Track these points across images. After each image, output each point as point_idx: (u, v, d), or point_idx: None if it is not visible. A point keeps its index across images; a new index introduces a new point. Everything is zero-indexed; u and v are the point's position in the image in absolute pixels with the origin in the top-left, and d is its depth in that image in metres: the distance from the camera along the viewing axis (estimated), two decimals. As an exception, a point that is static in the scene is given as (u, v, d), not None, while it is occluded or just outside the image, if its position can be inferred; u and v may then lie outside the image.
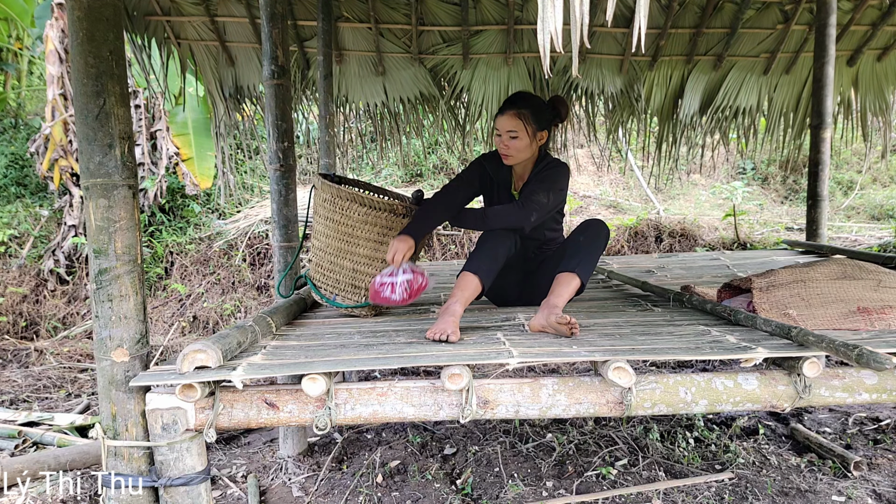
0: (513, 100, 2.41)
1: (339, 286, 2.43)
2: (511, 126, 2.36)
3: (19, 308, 5.71)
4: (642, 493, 2.45)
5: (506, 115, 2.37)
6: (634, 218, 6.69)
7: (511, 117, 2.36)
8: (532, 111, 2.37)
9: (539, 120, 2.39)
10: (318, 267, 2.48)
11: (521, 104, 2.38)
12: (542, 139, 2.43)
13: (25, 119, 7.94)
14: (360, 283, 2.41)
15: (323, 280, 2.47)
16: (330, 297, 2.45)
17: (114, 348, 1.63)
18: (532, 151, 2.44)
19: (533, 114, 2.37)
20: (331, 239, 2.40)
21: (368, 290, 2.42)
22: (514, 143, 2.38)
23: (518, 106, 2.37)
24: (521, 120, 2.35)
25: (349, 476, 2.74)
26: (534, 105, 2.39)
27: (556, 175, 2.41)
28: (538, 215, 2.33)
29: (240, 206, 7.12)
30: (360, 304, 2.43)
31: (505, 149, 2.40)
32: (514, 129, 2.36)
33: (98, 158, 1.58)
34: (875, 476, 2.55)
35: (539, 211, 2.33)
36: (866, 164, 7.61)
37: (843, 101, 4.88)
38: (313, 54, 4.40)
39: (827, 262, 2.32)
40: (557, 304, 2.09)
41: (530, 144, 2.40)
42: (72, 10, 1.55)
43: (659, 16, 4.31)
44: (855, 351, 1.51)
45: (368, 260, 2.38)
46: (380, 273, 2.24)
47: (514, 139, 2.37)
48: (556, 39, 1.14)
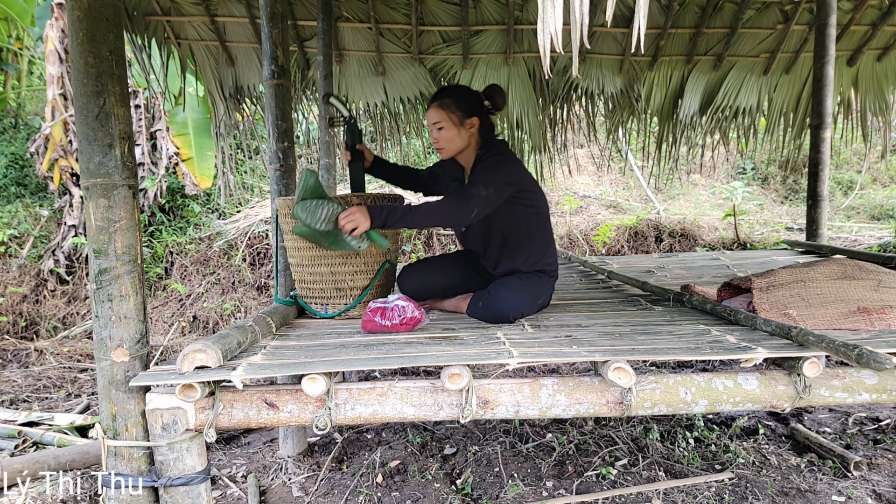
0: (435, 94, 2.46)
1: (325, 294, 2.46)
2: (435, 118, 2.38)
3: (19, 308, 5.71)
4: (642, 493, 2.45)
5: (430, 109, 2.42)
6: (634, 218, 6.69)
7: (434, 109, 2.39)
8: (454, 99, 2.38)
9: (464, 107, 2.38)
10: (302, 282, 2.51)
11: (441, 95, 2.41)
12: (472, 126, 2.40)
13: (25, 119, 7.94)
14: (342, 283, 2.43)
15: (309, 293, 2.50)
16: (321, 310, 2.48)
17: (114, 348, 1.63)
18: (465, 140, 2.42)
19: (455, 101, 2.38)
20: (302, 251, 2.43)
21: (352, 289, 2.45)
22: (441, 134, 2.39)
23: (438, 97, 2.41)
24: (444, 110, 2.37)
25: (349, 476, 2.74)
26: (455, 94, 2.41)
27: (494, 166, 2.31)
28: (479, 209, 2.23)
29: (240, 206, 7.11)
30: (349, 307, 2.45)
31: (436, 142, 2.42)
32: (438, 121, 2.38)
33: (98, 158, 1.58)
34: (875, 476, 2.55)
35: (480, 204, 2.23)
36: (866, 164, 7.61)
37: (843, 101, 4.88)
38: (313, 54, 4.40)
39: (827, 262, 2.32)
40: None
41: (459, 133, 2.39)
42: (72, 10, 1.55)
43: (659, 16, 4.31)
44: (855, 351, 1.51)
45: (341, 259, 2.40)
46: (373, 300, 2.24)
47: (441, 130, 2.39)
48: (556, 39, 1.14)
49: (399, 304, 2.14)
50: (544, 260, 2.50)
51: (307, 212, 2.13)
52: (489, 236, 2.50)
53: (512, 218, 2.43)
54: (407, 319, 2.13)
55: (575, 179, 8.29)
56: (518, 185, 2.38)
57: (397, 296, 2.19)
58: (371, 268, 2.45)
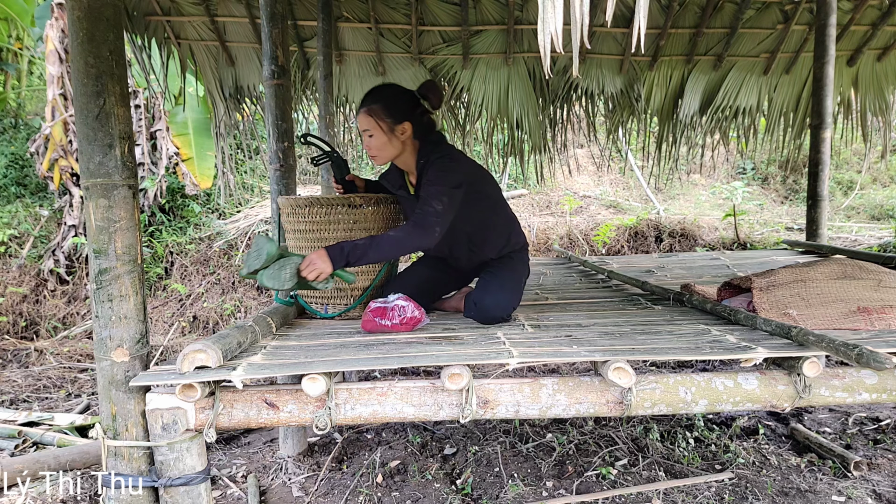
0: (365, 97, 2.30)
1: (325, 294, 2.46)
2: (364, 125, 2.25)
3: (19, 308, 5.71)
4: (642, 493, 2.45)
5: (359, 114, 2.28)
6: (634, 218, 6.69)
7: (362, 116, 2.26)
8: (383, 105, 2.24)
9: (394, 112, 2.24)
10: None
11: (369, 100, 2.26)
12: (404, 132, 2.26)
13: (25, 119, 7.94)
14: (343, 284, 2.42)
15: (310, 293, 2.49)
16: (322, 309, 2.48)
17: (114, 348, 1.63)
18: (398, 147, 2.29)
19: (384, 107, 2.23)
20: (304, 250, 2.42)
21: (353, 290, 2.45)
22: (371, 142, 2.27)
23: (367, 102, 2.26)
24: (372, 117, 2.23)
25: (349, 476, 2.74)
26: (385, 97, 2.26)
27: (442, 174, 2.20)
28: (441, 226, 2.14)
29: (240, 206, 7.11)
30: (349, 307, 2.45)
31: (367, 149, 2.31)
32: (367, 128, 2.25)
33: (98, 158, 1.58)
34: (875, 476, 2.55)
35: (440, 222, 2.13)
36: (866, 164, 7.60)
37: (843, 101, 4.88)
38: (313, 54, 4.40)
39: (827, 262, 2.32)
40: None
41: (390, 140, 2.26)
42: (72, 10, 1.55)
43: (659, 16, 4.32)
44: (855, 351, 1.51)
45: None
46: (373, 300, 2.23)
47: (371, 137, 2.26)
48: (556, 40, 1.14)
49: (399, 304, 2.14)
50: (511, 241, 2.46)
51: (273, 279, 2.02)
52: (452, 240, 2.42)
53: (470, 215, 2.35)
54: (407, 319, 2.12)
55: (575, 179, 8.29)
56: (467, 184, 2.27)
57: (397, 296, 2.19)
58: (372, 268, 2.46)
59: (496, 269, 2.40)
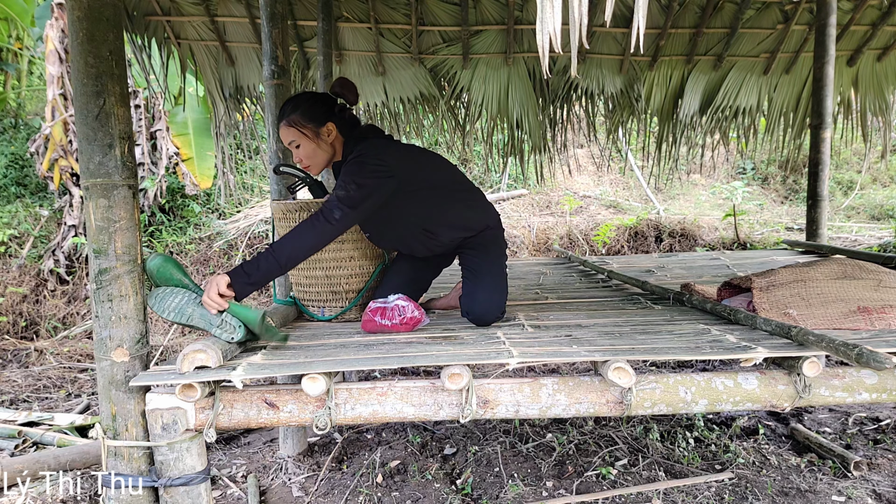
0: (280, 111, 2.25)
1: (321, 297, 2.46)
2: (289, 137, 2.20)
3: (19, 308, 5.71)
4: (642, 493, 2.45)
5: (280, 129, 2.22)
6: (634, 218, 6.69)
7: (283, 129, 2.20)
8: (301, 112, 2.19)
9: (314, 116, 2.19)
10: (298, 285, 2.51)
11: (286, 111, 2.21)
12: (330, 133, 2.22)
13: (25, 119, 7.94)
14: (337, 287, 2.41)
15: (306, 296, 2.49)
16: (318, 312, 2.47)
17: (114, 348, 1.63)
18: (329, 150, 2.25)
19: (303, 114, 2.19)
20: None
21: (348, 292, 2.43)
22: (300, 153, 2.22)
23: (284, 115, 2.21)
24: (294, 127, 2.18)
25: (349, 476, 2.74)
26: (301, 104, 2.21)
27: (351, 168, 2.11)
28: (345, 211, 2.01)
29: (240, 206, 7.11)
30: (344, 310, 2.44)
31: (299, 161, 2.25)
32: (292, 139, 2.20)
33: (98, 158, 1.58)
34: (875, 476, 2.55)
35: (343, 205, 2.01)
36: (866, 164, 7.61)
37: (843, 101, 4.88)
38: (313, 54, 4.40)
39: (827, 262, 2.32)
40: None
41: (318, 146, 2.21)
42: (72, 10, 1.55)
43: (659, 16, 4.31)
44: (855, 350, 1.51)
45: (336, 261, 2.39)
46: (373, 300, 2.22)
47: (298, 148, 2.21)
48: (555, 40, 1.14)
49: (399, 304, 2.14)
50: (472, 222, 2.35)
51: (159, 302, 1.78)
52: (404, 233, 2.32)
53: (415, 206, 2.25)
54: (407, 319, 2.12)
55: (575, 179, 8.30)
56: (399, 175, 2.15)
57: (397, 296, 2.19)
58: (366, 271, 2.44)
59: (473, 267, 2.31)
